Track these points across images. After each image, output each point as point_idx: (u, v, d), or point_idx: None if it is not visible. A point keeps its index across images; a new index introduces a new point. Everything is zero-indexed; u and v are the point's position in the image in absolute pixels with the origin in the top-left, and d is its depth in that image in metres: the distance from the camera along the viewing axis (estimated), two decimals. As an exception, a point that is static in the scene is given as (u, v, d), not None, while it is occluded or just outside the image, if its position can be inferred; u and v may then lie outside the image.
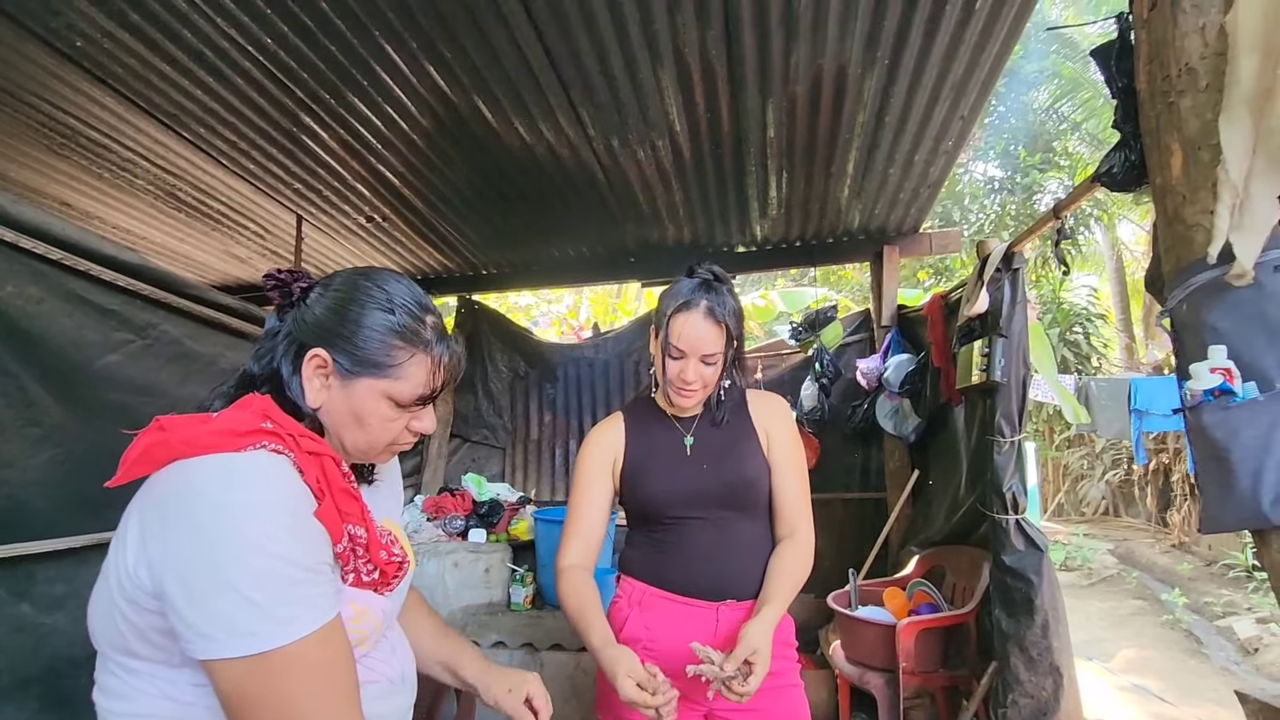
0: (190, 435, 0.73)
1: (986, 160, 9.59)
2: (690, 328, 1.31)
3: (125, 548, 0.72)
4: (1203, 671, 4.40)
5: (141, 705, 0.74)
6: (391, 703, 0.90)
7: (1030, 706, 2.18)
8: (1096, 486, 9.32)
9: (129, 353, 2.19)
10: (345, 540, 0.79)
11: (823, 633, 3.32)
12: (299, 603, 0.71)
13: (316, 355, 0.83)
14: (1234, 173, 1.02)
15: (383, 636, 0.92)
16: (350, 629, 0.80)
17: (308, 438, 0.79)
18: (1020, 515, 2.29)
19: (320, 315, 0.85)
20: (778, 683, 1.36)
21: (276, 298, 0.88)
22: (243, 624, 0.67)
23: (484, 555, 3.15)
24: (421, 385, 0.86)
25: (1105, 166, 1.32)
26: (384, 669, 0.90)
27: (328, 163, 2.80)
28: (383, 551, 0.84)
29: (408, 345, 0.85)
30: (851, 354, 3.87)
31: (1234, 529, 0.98)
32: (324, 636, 0.72)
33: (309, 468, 0.77)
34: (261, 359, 0.87)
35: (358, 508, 0.81)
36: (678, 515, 1.38)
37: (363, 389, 0.84)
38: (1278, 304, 0.99)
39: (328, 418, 0.85)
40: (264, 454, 0.74)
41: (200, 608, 0.67)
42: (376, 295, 0.85)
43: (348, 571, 0.81)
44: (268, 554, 0.69)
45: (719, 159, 2.84)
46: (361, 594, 0.83)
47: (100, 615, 0.75)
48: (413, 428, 0.90)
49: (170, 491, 0.72)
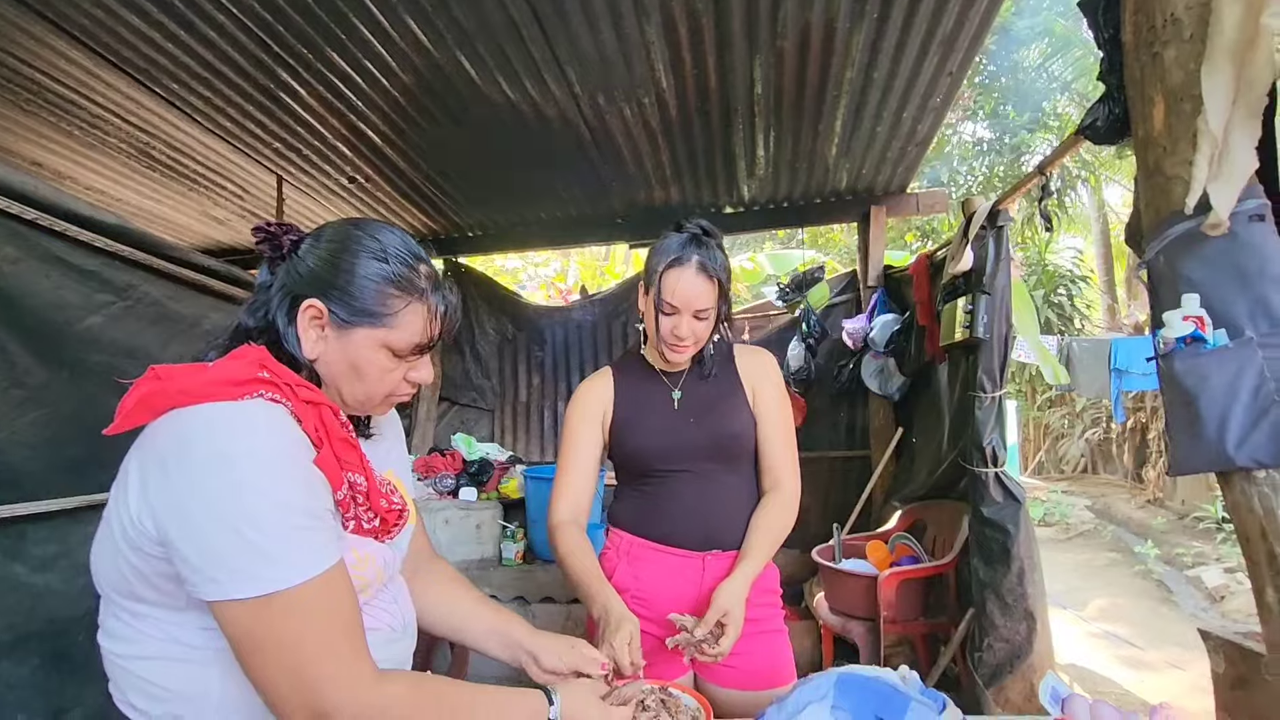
0: (187, 384, 0.74)
1: (975, 121, 9.51)
2: (683, 284, 1.31)
3: (127, 497, 0.73)
4: (1171, 618, 4.58)
5: (146, 648, 0.76)
6: (394, 649, 0.92)
7: (1004, 650, 2.27)
8: (1076, 445, 9.53)
9: (111, 314, 2.17)
10: (345, 488, 0.80)
11: (807, 586, 3.41)
12: (302, 547, 0.72)
13: (312, 306, 0.82)
14: (1214, 123, 1.03)
15: (384, 586, 0.94)
16: (352, 575, 0.82)
17: (305, 387, 0.80)
18: (999, 469, 2.35)
19: (313, 266, 0.84)
20: (761, 628, 1.41)
21: (266, 250, 0.87)
22: (247, 567, 0.69)
23: (475, 512, 3.20)
24: (418, 334, 0.86)
25: (1089, 119, 1.32)
26: (386, 617, 0.92)
27: (307, 121, 2.74)
28: (383, 500, 0.85)
29: (403, 294, 0.85)
30: (838, 314, 3.89)
31: (1201, 470, 1.02)
32: (328, 580, 0.74)
33: (307, 416, 0.77)
34: (256, 312, 0.86)
35: (356, 456, 0.82)
36: (665, 468, 1.40)
37: (359, 339, 0.84)
38: (1250, 254, 1.01)
39: (325, 369, 0.86)
40: (261, 403, 0.75)
41: (205, 552, 0.69)
42: (369, 244, 0.85)
43: (348, 519, 0.82)
44: (269, 500, 0.70)
45: (706, 117, 2.80)
46: (362, 541, 0.85)
47: (104, 560, 0.77)
48: (410, 378, 0.90)
49: (169, 440, 0.72)
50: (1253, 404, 0.96)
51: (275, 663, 0.71)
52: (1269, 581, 0.97)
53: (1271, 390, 0.95)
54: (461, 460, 3.37)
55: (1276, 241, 1.01)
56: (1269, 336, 0.97)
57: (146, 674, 0.76)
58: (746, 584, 1.29)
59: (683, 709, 1.15)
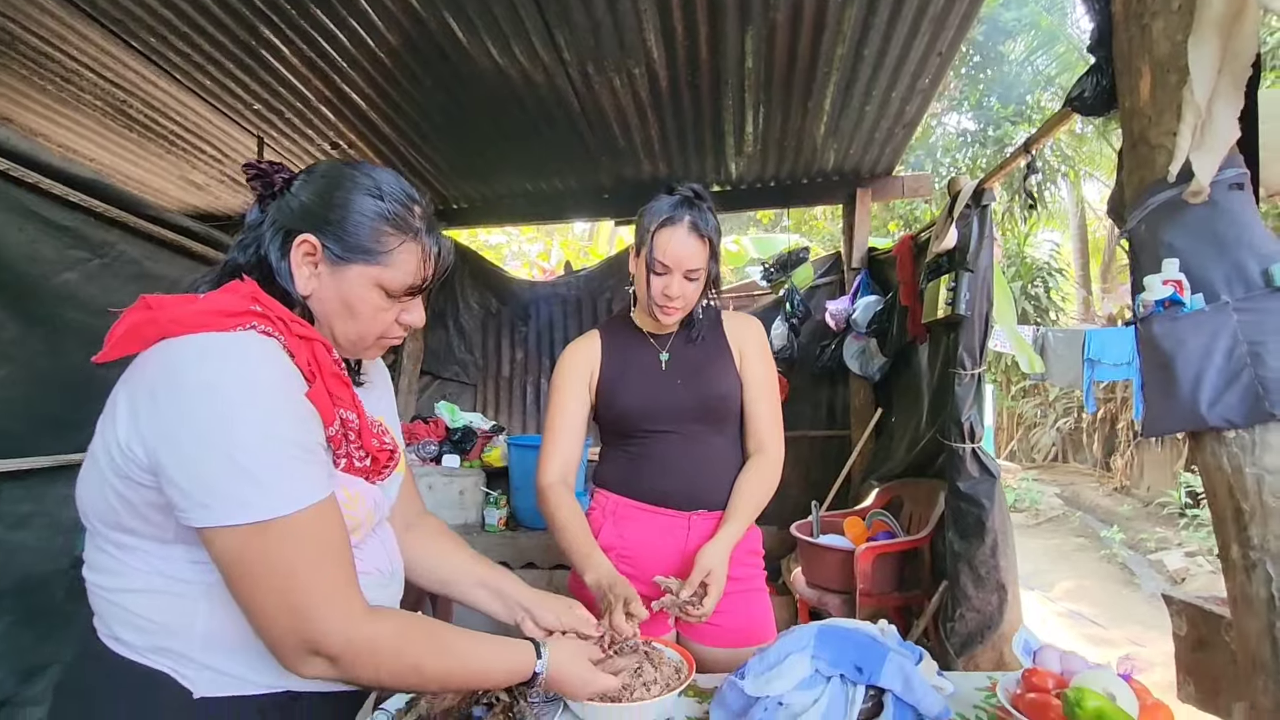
0: (178, 314, 0.73)
1: (960, 111, 9.58)
2: (674, 243, 1.32)
3: (115, 425, 0.72)
4: (1134, 600, 4.73)
5: (132, 581, 0.75)
6: (384, 593, 0.92)
7: (976, 620, 2.33)
8: (1048, 434, 9.74)
9: (87, 271, 2.12)
10: (337, 424, 0.79)
11: (785, 561, 3.47)
12: (295, 476, 0.72)
13: (306, 241, 0.82)
14: (1199, 93, 1.05)
15: (374, 529, 0.94)
16: (344, 515, 0.81)
17: (297, 323, 0.79)
18: (977, 444, 2.40)
19: (306, 201, 0.83)
20: (744, 587, 1.43)
21: (257, 187, 0.86)
22: (239, 493, 0.68)
23: (458, 479, 3.19)
24: (412, 274, 0.86)
25: (1077, 90, 1.34)
26: (376, 560, 0.92)
27: (290, 81, 2.68)
28: (375, 439, 0.85)
29: (398, 232, 0.84)
30: (821, 296, 3.92)
31: (1174, 431, 1.06)
32: (320, 512, 0.74)
33: (299, 351, 0.77)
34: (246, 249, 0.85)
35: (349, 393, 0.82)
36: (651, 429, 1.41)
37: (353, 276, 0.83)
38: (1229, 221, 1.04)
39: (318, 306, 0.85)
40: (254, 335, 0.74)
41: (197, 479, 0.68)
42: (363, 181, 0.84)
43: (340, 456, 0.82)
44: (262, 428, 0.70)
45: (696, 91, 2.79)
46: (353, 480, 0.84)
47: (90, 491, 0.76)
48: (403, 320, 0.90)
49: (160, 369, 0.71)
50: (1226, 366, 0.99)
51: (266, 590, 0.71)
52: (1234, 537, 1.01)
53: (1244, 353, 0.98)
54: (445, 428, 3.36)
55: (1254, 209, 1.04)
56: (1244, 301, 1.00)
57: (132, 606, 0.76)
58: (729, 546, 1.32)
59: (665, 661, 1.17)
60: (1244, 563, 1.00)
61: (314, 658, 0.73)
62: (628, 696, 1.06)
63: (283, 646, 0.72)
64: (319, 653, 0.72)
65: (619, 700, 1.05)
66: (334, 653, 0.73)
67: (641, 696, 1.06)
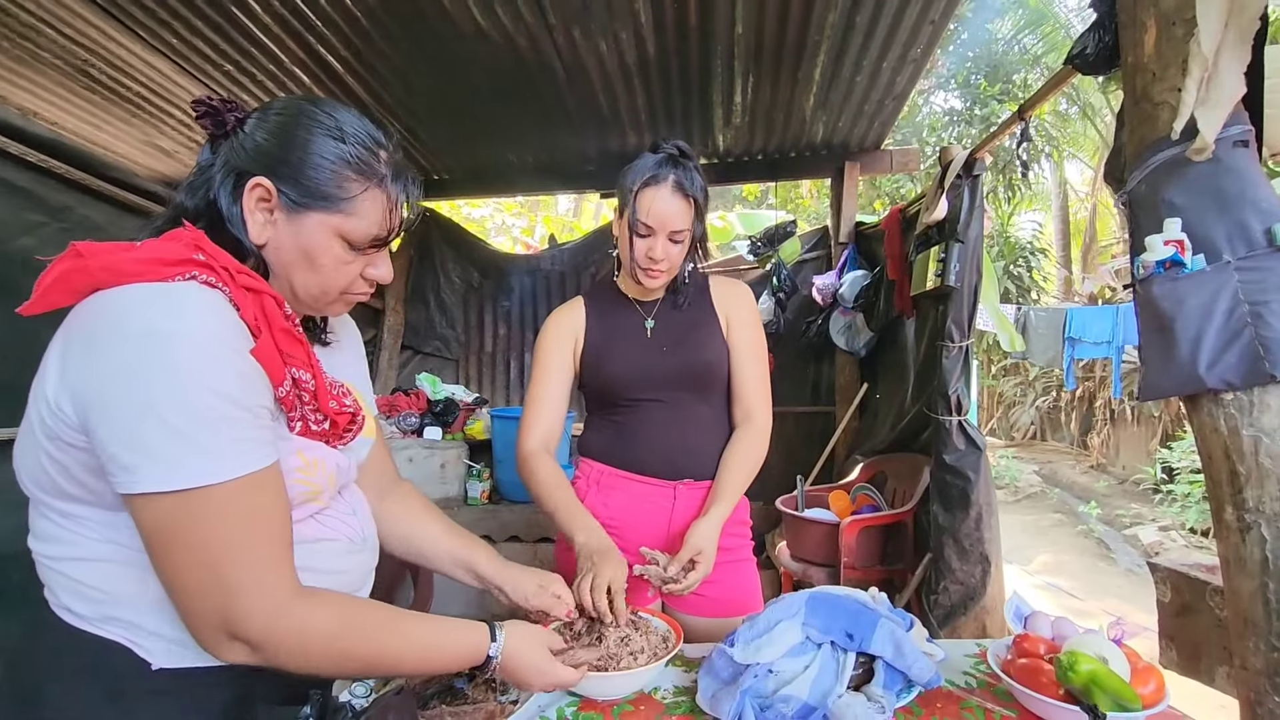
0: (112, 262, 0.66)
1: (947, 90, 9.55)
2: (659, 203, 1.27)
3: (45, 381, 0.66)
4: (1109, 573, 4.83)
5: (80, 549, 0.71)
6: (353, 560, 0.88)
7: (959, 592, 2.35)
8: (1027, 412, 9.87)
9: (44, 236, 2.04)
10: (288, 384, 0.74)
11: (769, 537, 3.47)
12: (231, 440, 0.66)
13: (259, 185, 0.75)
14: (1206, 46, 1.02)
15: (340, 496, 0.89)
16: (301, 480, 0.77)
17: (244, 273, 0.73)
18: (963, 416, 2.39)
19: (260, 141, 0.77)
20: (732, 557, 1.41)
21: (208, 125, 0.79)
22: (169, 455, 0.63)
23: (439, 451, 3.14)
24: (376, 224, 0.80)
25: (1079, 48, 1.31)
26: (345, 528, 0.87)
27: (261, 41, 2.56)
28: (332, 401, 0.80)
29: (361, 178, 0.78)
30: (808, 270, 3.89)
31: (1172, 394, 1.04)
32: (257, 482, 0.68)
33: (246, 304, 0.71)
34: (196, 192, 0.78)
35: (302, 351, 0.76)
36: (636, 397, 1.38)
37: (313, 224, 0.77)
38: (1233, 178, 1.01)
39: (275, 255, 0.79)
40: (194, 285, 0.68)
41: (124, 437, 0.63)
42: (325, 121, 0.78)
43: (294, 419, 0.77)
44: (199, 386, 0.64)
45: (684, 56, 2.71)
46: (312, 445, 0.79)
47: (26, 457, 0.71)
48: (368, 274, 0.84)
49: (92, 320, 0.66)
50: (1225, 326, 0.97)
51: (189, 564, 0.65)
52: (1229, 499, 1.00)
53: (1245, 312, 0.96)
54: (426, 400, 3.30)
55: (1258, 167, 1.02)
56: (1245, 260, 0.98)
57: (80, 575, 0.71)
58: (719, 524, 1.29)
59: (653, 630, 1.15)
60: (1239, 524, 0.99)
61: (233, 642, 0.68)
62: (614, 665, 1.04)
63: (201, 627, 0.67)
64: (238, 637, 0.67)
65: (605, 670, 1.02)
66: (255, 638, 0.68)
67: (629, 666, 1.04)
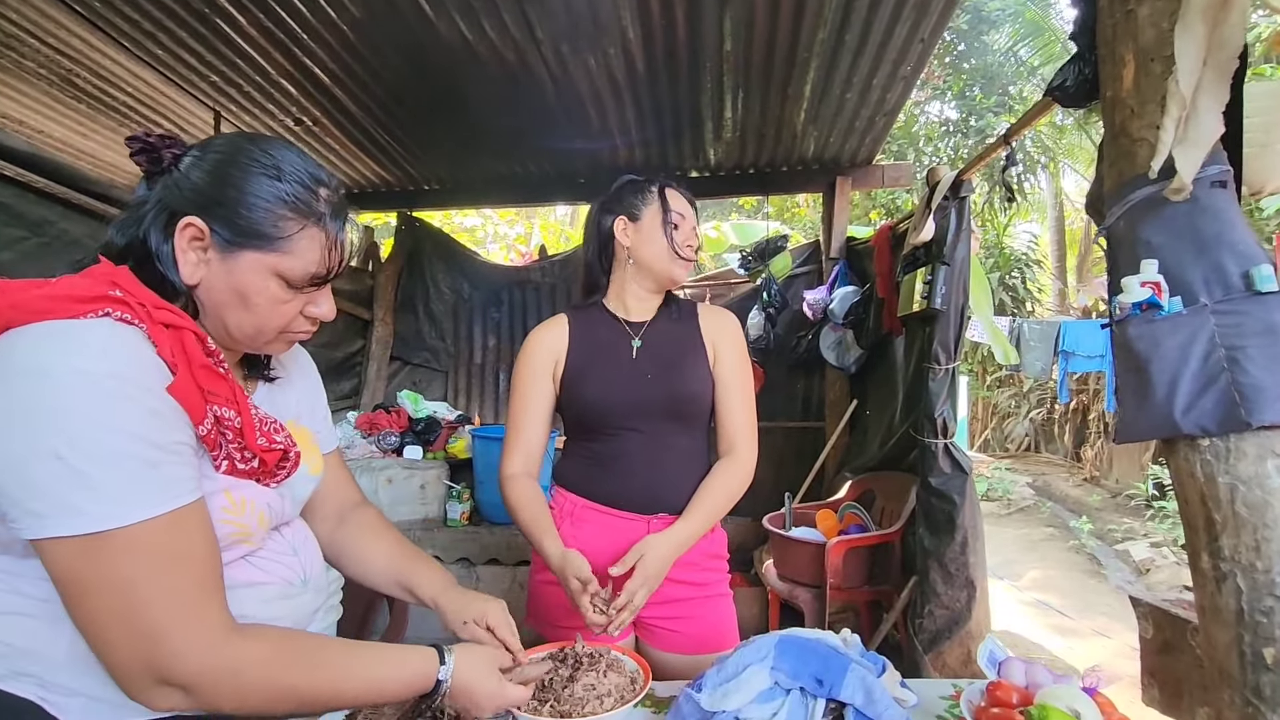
0: (20, 299, 0.64)
1: (943, 100, 9.56)
2: (679, 198, 1.39)
3: None
4: (1100, 590, 4.80)
5: None
6: (289, 605, 0.84)
7: (945, 617, 2.32)
8: (1021, 424, 9.86)
9: (23, 251, 2.02)
10: (209, 421, 0.71)
11: (757, 553, 3.45)
12: (139, 481, 0.64)
13: (191, 224, 0.73)
14: (1184, 84, 1.00)
15: (276, 534, 0.86)
16: (228, 521, 0.75)
17: (164, 309, 0.71)
18: (949, 440, 2.38)
19: (196, 180, 0.75)
20: (706, 592, 1.38)
21: (143, 163, 0.77)
22: (70, 499, 0.61)
23: (419, 471, 3.11)
24: (314, 263, 0.78)
25: (1059, 80, 1.30)
26: (279, 570, 0.84)
27: (247, 53, 2.55)
28: (261, 439, 0.77)
29: (298, 216, 0.76)
30: (799, 285, 3.88)
31: (1147, 437, 1.02)
32: (176, 521, 0.66)
33: (163, 340, 0.69)
34: (126, 229, 0.76)
35: (225, 387, 0.74)
36: (616, 425, 1.35)
37: (246, 263, 0.75)
38: (1210, 219, 1.00)
39: (207, 296, 0.76)
40: (107, 322, 0.66)
41: (23, 482, 0.60)
42: (262, 160, 0.76)
43: (219, 458, 0.74)
44: (101, 424, 0.62)
45: (674, 72, 2.71)
46: (240, 484, 0.77)
47: None
48: (309, 312, 0.82)
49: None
50: (1202, 371, 0.96)
51: (106, 611, 0.63)
52: (1205, 547, 0.98)
53: (1221, 357, 0.95)
54: (407, 418, 3.27)
55: (1236, 208, 1.00)
56: (1222, 303, 0.96)
57: None
58: (676, 543, 1.26)
59: (625, 670, 1.12)
60: (1214, 574, 0.97)
61: (163, 687, 0.65)
62: (579, 710, 1.01)
63: (128, 675, 0.64)
64: (168, 681, 0.64)
65: (570, 715, 1.00)
66: (186, 680, 0.65)
67: (594, 710, 1.01)
